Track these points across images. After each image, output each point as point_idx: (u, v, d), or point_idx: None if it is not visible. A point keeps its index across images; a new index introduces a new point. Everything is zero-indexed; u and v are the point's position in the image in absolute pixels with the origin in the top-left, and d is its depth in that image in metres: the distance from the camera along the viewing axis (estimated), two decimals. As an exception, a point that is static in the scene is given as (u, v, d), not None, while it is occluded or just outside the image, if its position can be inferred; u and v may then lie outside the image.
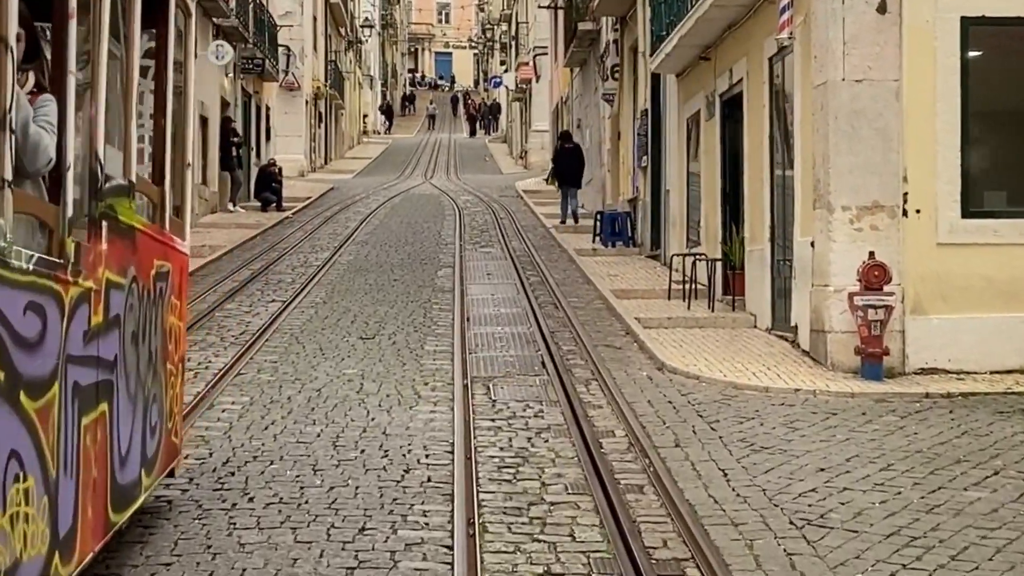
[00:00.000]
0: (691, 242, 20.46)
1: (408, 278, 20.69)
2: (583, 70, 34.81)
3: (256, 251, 24.61)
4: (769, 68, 15.78)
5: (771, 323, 15.70)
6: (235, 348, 14.34)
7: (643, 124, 24.31)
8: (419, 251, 24.73)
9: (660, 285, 19.57)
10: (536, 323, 16.27)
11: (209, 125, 31.40)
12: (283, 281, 20.21)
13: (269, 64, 37.65)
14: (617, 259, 23.87)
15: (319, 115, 53.65)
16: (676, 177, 21.40)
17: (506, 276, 21.21)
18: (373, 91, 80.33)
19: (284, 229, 29.18)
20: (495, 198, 38.28)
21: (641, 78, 24.74)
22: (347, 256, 23.81)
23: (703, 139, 19.44)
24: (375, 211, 33.48)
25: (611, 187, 29.05)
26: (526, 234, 28.28)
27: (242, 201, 35.05)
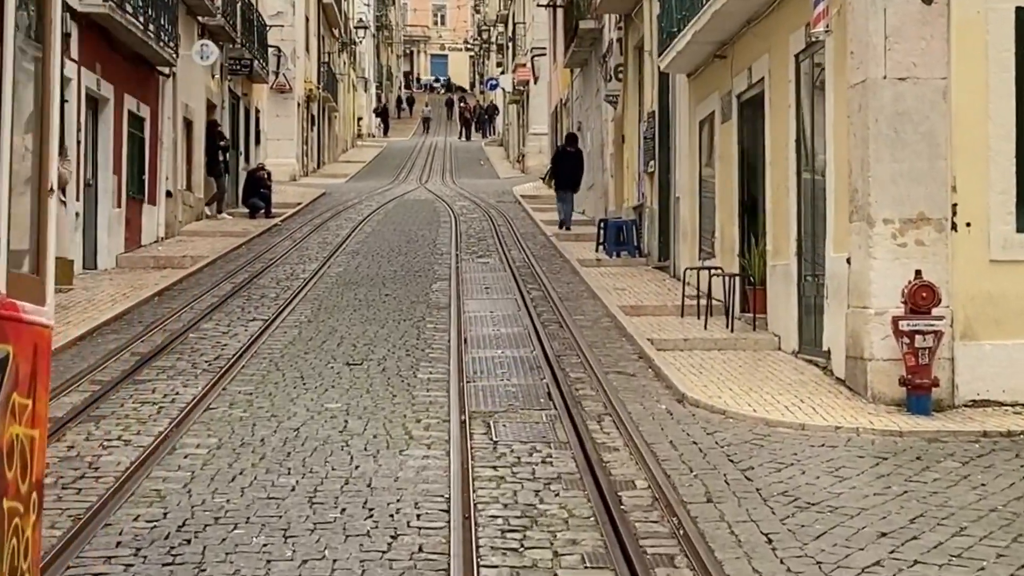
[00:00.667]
0: (704, 253, 19.02)
1: (401, 293, 19.23)
2: (584, 71, 33.38)
3: (240, 262, 23.15)
4: (795, 66, 14.33)
5: (798, 345, 14.25)
6: (207, 377, 12.87)
7: (650, 127, 22.88)
8: (413, 262, 23.28)
9: (672, 300, 18.13)
10: (540, 345, 14.81)
11: (194, 128, 29.94)
12: (266, 296, 18.75)
13: (258, 65, 36.19)
14: (623, 270, 22.42)
15: (311, 118, 52.20)
16: (687, 184, 19.96)
17: (506, 290, 19.76)
18: (368, 93, 78.87)
19: (272, 237, 27.72)
20: (492, 204, 36.83)
21: (647, 78, 23.30)
22: (336, 267, 22.36)
23: (718, 143, 18.00)
24: (368, 217, 32.02)
25: (614, 193, 27.62)
26: (525, 242, 26.83)
27: (230, 207, 33.61)
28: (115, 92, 22.86)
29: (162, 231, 26.34)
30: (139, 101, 24.60)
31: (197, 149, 30.34)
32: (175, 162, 27.80)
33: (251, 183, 32.76)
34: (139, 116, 24.70)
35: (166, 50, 25.19)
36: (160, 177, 26.29)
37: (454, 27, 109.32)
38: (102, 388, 12.20)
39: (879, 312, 11.80)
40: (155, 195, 25.98)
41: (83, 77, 21.01)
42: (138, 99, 24.53)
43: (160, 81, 26.24)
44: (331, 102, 56.57)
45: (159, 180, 26.24)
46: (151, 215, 25.72)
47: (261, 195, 32.52)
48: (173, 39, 26.05)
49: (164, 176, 26.48)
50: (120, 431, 10.61)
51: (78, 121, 20.76)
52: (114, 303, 17.57)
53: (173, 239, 26.77)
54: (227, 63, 33.15)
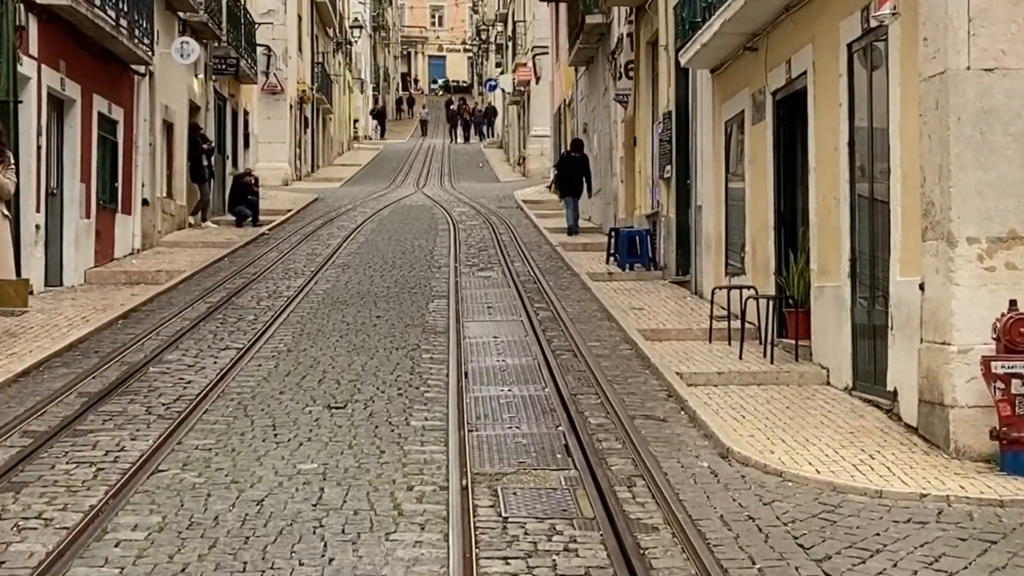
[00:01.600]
0: (731, 268, 17.00)
1: (394, 314, 17.19)
2: (590, 69, 31.35)
3: (220, 277, 21.11)
4: (848, 57, 12.29)
5: (851, 381, 12.23)
6: (161, 426, 10.83)
7: (666, 129, 20.84)
8: (408, 276, 21.24)
9: (697, 323, 16.11)
10: (552, 380, 12.78)
11: (175, 131, 27.91)
12: (244, 319, 16.71)
13: (246, 64, 34.15)
14: (638, 285, 20.38)
15: (305, 120, 50.19)
16: (711, 191, 17.94)
17: (510, 309, 17.73)
18: (364, 95, 76.81)
19: (258, 248, 25.68)
20: (493, 209, 34.80)
21: (663, 75, 21.27)
22: (324, 283, 20.31)
23: (749, 146, 15.98)
24: (361, 225, 29.99)
25: (625, 200, 25.58)
26: (530, 253, 24.80)
27: (217, 214, 31.58)
28: (82, 92, 20.81)
29: (138, 243, 24.29)
30: (111, 102, 22.56)
31: (179, 153, 28.32)
32: (153, 168, 25.78)
33: (237, 190, 30.72)
34: (111, 118, 22.66)
35: (140, 47, 23.16)
36: (135, 184, 24.25)
37: (452, 26, 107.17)
38: (34, 443, 10.15)
39: (963, 349, 9.78)
40: (130, 204, 23.94)
41: (44, 76, 18.96)
42: (110, 100, 22.49)
43: (135, 81, 24.20)
44: (325, 104, 54.56)
45: (134, 187, 24.20)
46: (125, 225, 23.67)
47: (248, 202, 30.49)
48: (149, 35, 24.03)
49: (140, 183, 24.44)
50: (43, 505, 8.56)
51: (38, 124, 18.72)
52: (71, 328, 15.53)
53: (151, 251, 24.74)
54: (212, 62, 31.13)
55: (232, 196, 30.87)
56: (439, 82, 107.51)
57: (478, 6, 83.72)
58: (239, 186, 30.69)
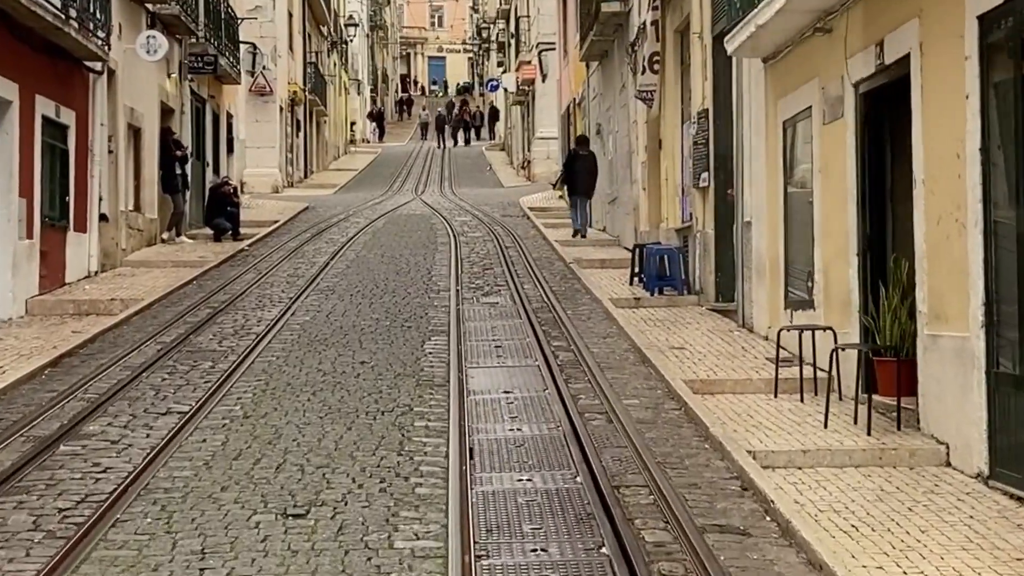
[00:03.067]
0: (793, 299, 13.82)
1: (382, 357, 14.02)
2: (604, 64, 28.16)
3: (183, 305, 17.95)
4: (978, 34, 9.11)
5: (988, 466, 9.05)
6: (47, 552, 7.66)
7: (701, 130, 17.67)
8: (402, 304, 18.07)
9: (754, 369, 12.94)
10: (584, 462, 9.61)
11: (143, 136, 24.74)
12: (198, 367, 13.54)
13: (227, 63, 30.95)
14: (671, 314, 17.20)
15: (297, 123, 47.00)
16: (764, 204, 14.75)
17: (523, 349, 14.56)
18: (361, 96, 73.58)
19: (233, 268, 22.50)
20: (497, 219, 31.62)
21: (696, 68, 18.10)
22: (303, 314, 17.14)
23: (819, 151, 12.79)
24: (353, 239, 26.81)
25: (648, 211, 22.39)
26: (540, 271, 21.64)
27: (196, 227, 28.42)
28: (21, 93, 17.62)
29: (95, 264, 21.10)
30: (59, 104, 19.39)
31: (148, 161, 25.15)
32: (116, 178, 22.60)
33: (215, 200, 27.53)
34: (59, 123, 19.48)
35: (94, 40, 19.99)
36: (91, 198, 21.05)
37: (451, 23, 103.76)
38: None
39: None
40: (84, 220, 20.75)
41: (-33, 73, 15.85)
42: (57, 102, 19.32)
43: (90, 80, 21.01)
44: (319, 106, 51.36)
45: (90, 201, 21.01)
46: (79, 245, 20.49)
47: (228, 214, 27.32)
48: (105, 27, 20.84)
49: (97, 196, 21.25)
50: None
51: (-40, 130, 15.60)
52: (-20, 383, 12.38)
53: (111, 273, 21.56)
54: (187, 60, 27.96)
55: (209, 208, 27.68)
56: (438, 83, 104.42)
57: (478, 4, 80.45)
58: (217, 197, 27.51)
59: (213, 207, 27.45)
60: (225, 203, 27.33)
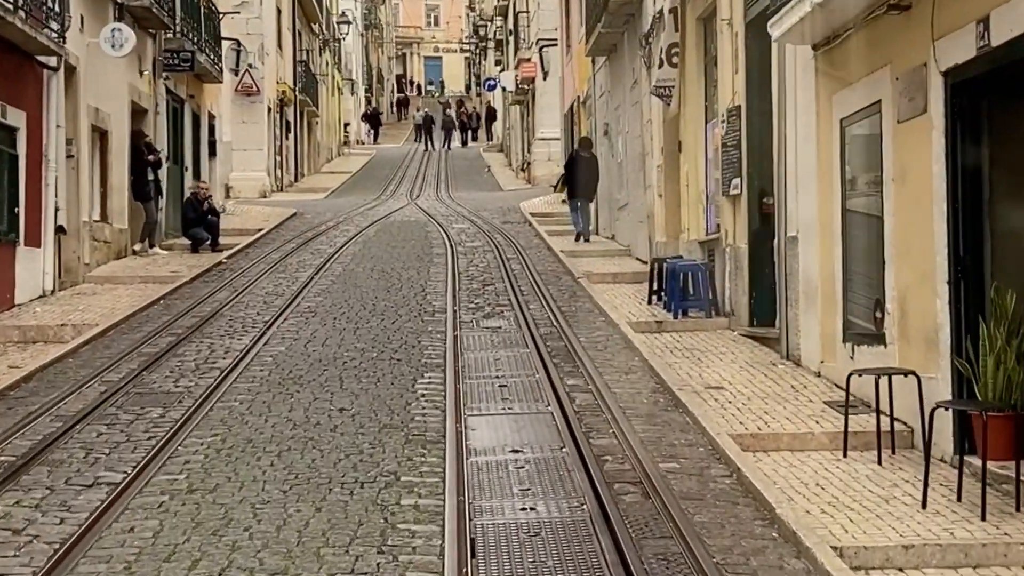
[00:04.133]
0: (855, 331, 11.51)
1: (365, 401, 11.71)
2: (612, 59, 25.84)
3: (144, 331, 15.66)
4: None
5: None
6: None
7: (732, 130, 15.37)
8: (392, 329, 15.77)
9: (813, 416, 10.64)
10: (621, 564, 7.31)
11: (110, 139, 22.43)
12: (144, 416, 11.23)
13: (208, 60, 28.64)
14: (700, 342, 14.90)
15: (286, 124, 44.68)
16: (816, 216, 12.44)
17: (533, 390, 12.26)
18: (355, 96, 71.22)
19: (207, 284, 20.19)
20: (497, 226, 29.31)
21: (725, 60, 15.80)
22: (277, 344, 14.83)
23: (892, 154, 10.48)
24: (341, 250, 24.50)
25: (665, 220, 20.07)
26: (547, 288, 19.34)
27: (174, 236, 26.11)
28: (-44, 90, 15.40)
29: (49, 282, 18.78)
30: (5, 104, 17.11)
31: (116, 167, 22.83)
32: (77, 186, 20.31)
33: (192, 208, 25.22)
34: (5, 124, 17.21)
35: (46, 33, 17.72)
36: (46, 208, 18.74)
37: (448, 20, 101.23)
38: None
39: None
40: (38, 233, 18.44)
41: None
42: (4, 101, 17.05)
43: (44, 76, 18.72)
44: (310, 106, 49.03)
45: (45, 212, 18.70)
46: (32, 261, 18.20)
47: (207, 223, 25.02)
48: (60, 19, 18.56)
49: (52, 206, 18.94)
50: None
51: None
52: None
53: (71, 291, 19.27)
54: (161, 56, 25.65)
55: (186, 216, 25.36)
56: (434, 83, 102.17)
57: (474, 2, 78.08)
58: (192, 204, 25.19)
59: (190, 215, 25.13)
60: (203, 211, 25.02)
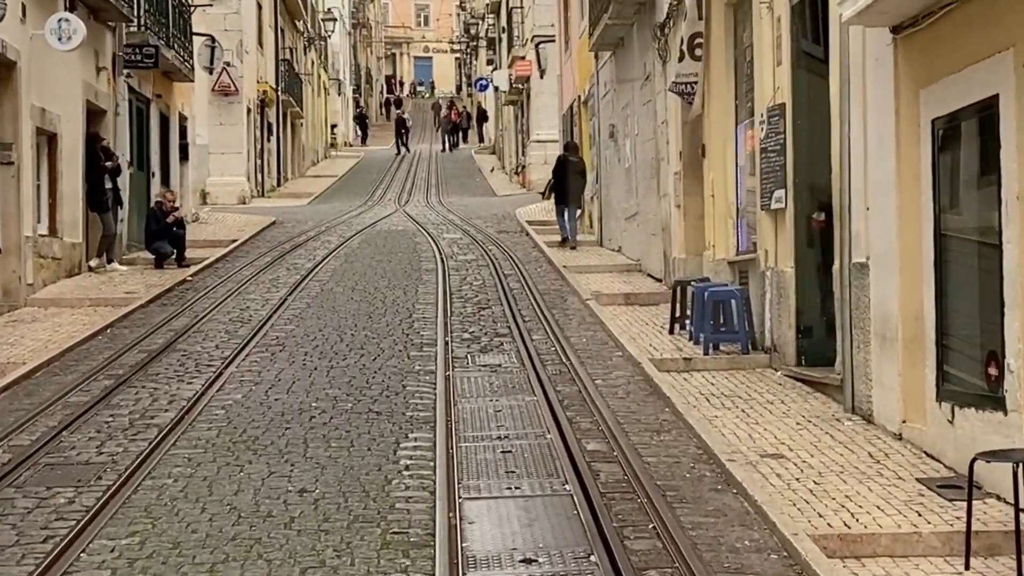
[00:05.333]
0: (956, 387, 9.01)
1: (333, 479, 9.16)
2: (618, 54, 23.32)
3: (77, 373, 13.12)
4: None
5: None
6: None
7: (775, 133, 12.86)
8: (371, 369, 13.25)
9: (904, 498, 8.15)
10: None
11: (60, 144, 19.90)
12: (45, 505, 8.67)
13: (177, 57, 26.10)
14: (738, 384, 12.38)
15: (268, 126, 42.14)
16: (896, 240, 9.92)
17: (544, 458, 9.71)
18: (343, 97, 68.61)
19: (165, 308, 17.67)
20: (492, 236, 26.84)
21: (763, 49, 13.29)
22: (232, 390, 12.27)
23: (1013, 165, 7.98)
24: (320, 265, 21.99)
25: (683, 234, 17.55)
26: (551, 311, 16.86)
27: (138, 248, 23.59)
28: None
29: (-20, 308, 16.30)
30: (-78, 103, 14.61)
31: (68, 174, 20.31)
32: (19, 196, 17.79)
33: (156, 219, 22.69)
34: (-78, 128, 14.72)
35: (-29, 21, 15.21)
36: (-24, 223, 16.27)
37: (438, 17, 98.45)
38: None
39: None
40: (-34, 252, 15.96)
41: None
42: (-80, 100, 14.55)
43: (-27, 72, 16.23)
44: (294, 107, 46.48)
45: (-26, 228, 16.23)
46: (-43, 285, 15.70)
47: (173, 235, 22.50)
48: (-10, 5, 16.06)
49: (-17, 221, 16.45)
50: None
51: None
52: None
53: (6, 317, 16.75)
54: (122, 52, 23.11)
55: (148, 227, 22.80)
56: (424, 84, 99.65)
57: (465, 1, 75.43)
58: (157, 215, 22.65)
59: (153, 227, 22.59)
60: (168, 223, 22.48)
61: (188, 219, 29.06)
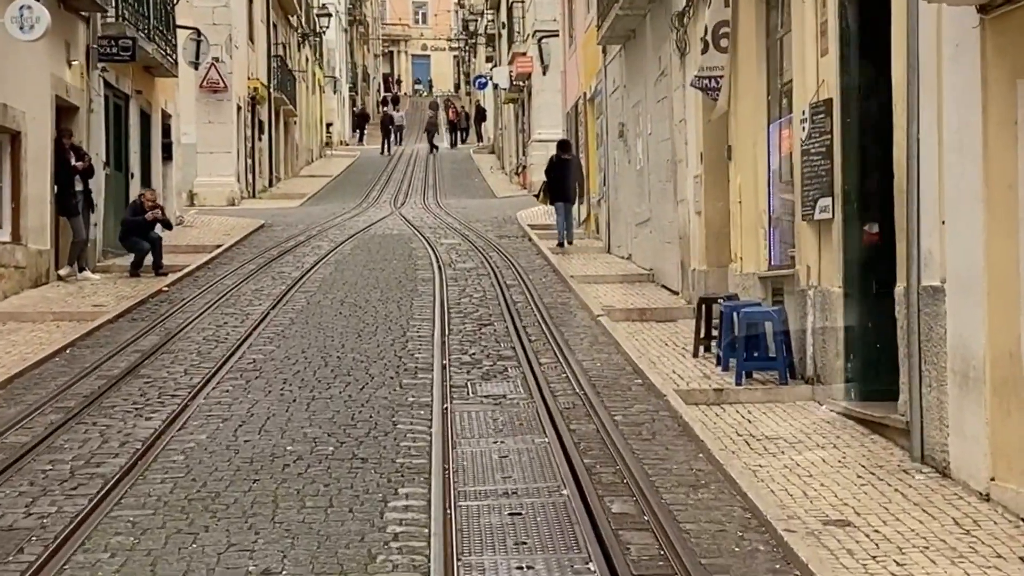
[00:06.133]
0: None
1: (304, 554, 7.40)
2: (628, 48, 21.64)
3: (23, 405, 11.41)
4: None
5: None
6: None
7: (820, 132, 11.16)
8: (358, 403, 11.54)
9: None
10: None
11: (24, 143, 18.23)
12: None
13: (158, 50, 24.41)
14: (779, 421, 10.69)
15: (260, 124, 40.47)
16: (983, 261, 8.23)
17: (561, 522, 8.00)
18: (339, 95, 66.90)
19: (134, 324, 15.98)
20: (492, 241, 25.18)
21: (805, 38, 11.60)
22: (196, 429, 10.56)
23: None
24: (308, 274, 20.33)
25: (704, 244, 15.86)
26: (559, 329, 15.19)
27: (113, 256, 21.92)
28: None
29: (-74, 326, 14.61)
30: None
31: (34, 176, 18.64)
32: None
33: (132, 212, 21.04)
34: None
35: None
36: (-79, 231, 14.58)
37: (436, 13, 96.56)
38: None
39: None
40: (-91, 264, 14.27)
41: None
42: None
43: (-82, 63, 14.53)
44: (287, 105, 44.77)
45: (-81, 236, 14.54)
46: (-102, 300, 14.00)
47: (151, 239, 20.83)
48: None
49: (-69, 229, 14.77)
50: None
51: None
52: None
53: (-42, 334, 15.09)
54: (96, 44, 21.41)
55: (125, 221, 21.09)
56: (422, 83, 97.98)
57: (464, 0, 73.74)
58: (136, 209, 20.99)
59: (129, 221, 20.90)
60: (145, 225, 20.79)
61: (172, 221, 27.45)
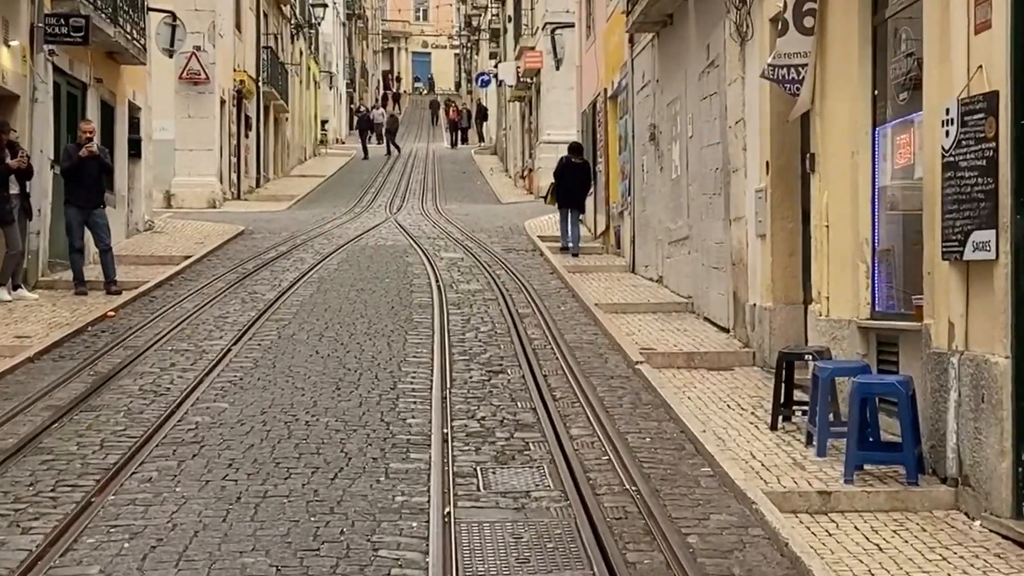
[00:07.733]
0: None
1: None
2: (662, 37, 18.35)
3: None
4: None
5: None
6: None
7: (975, 139, 7.89)
8: (326, 504, 8.23)
9: None
10: None
11: (-58, 137, 14.93)
12: None
13: (122, 34, 21.11)
14: (917, 541, 7.38)
15: (246, 120, 37.18)
16: None
17: None
18: (335, 91, 63.56)
19: (60, 365, 12.69)
20: (499, 255, 21.94)
21: (956, 9, 8.32)
22: (88, 553, 7.23)
23: None
24: (285, 295, 17.08)
25: (769, 274, 12.56)
26: (590, 379, 11.94)
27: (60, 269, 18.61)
28: None
29: None
30: None
31: (-45, 176, 15.35)
32: None
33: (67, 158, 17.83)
34: None
35: None
36: None
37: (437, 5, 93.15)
38: None
39: None
40: None
41: None
42: None
43: None
44: (278, 100, 41.47)
45: None
46: None
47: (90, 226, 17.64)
48: None
49: None
50: None
51: None
52: None
53: None
54: (42, 23, 18.11)
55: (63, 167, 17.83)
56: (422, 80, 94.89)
57: (466, -6, 70.42)
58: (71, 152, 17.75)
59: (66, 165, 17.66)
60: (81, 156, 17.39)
61: (140, 227, 24.22)
